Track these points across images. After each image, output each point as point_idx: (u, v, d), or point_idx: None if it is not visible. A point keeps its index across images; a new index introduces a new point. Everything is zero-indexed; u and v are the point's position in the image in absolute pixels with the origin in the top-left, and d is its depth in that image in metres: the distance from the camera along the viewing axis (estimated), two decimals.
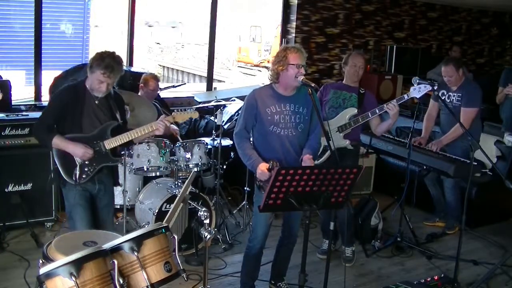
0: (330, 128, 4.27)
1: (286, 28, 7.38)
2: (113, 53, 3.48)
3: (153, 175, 4.66)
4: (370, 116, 4.26)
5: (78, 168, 3.45)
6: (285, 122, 3.50)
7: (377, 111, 4.24)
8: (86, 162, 3.47)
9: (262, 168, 3.36)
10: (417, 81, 4.40)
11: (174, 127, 5.24)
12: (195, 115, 3.96)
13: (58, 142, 3.42)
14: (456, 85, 5.01)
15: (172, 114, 3.90)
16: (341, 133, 4.34)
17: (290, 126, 3.51)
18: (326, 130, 3.33)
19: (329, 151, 4.35)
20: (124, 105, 3.79)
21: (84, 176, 3.49)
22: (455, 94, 5.02)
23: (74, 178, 3.45)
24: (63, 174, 3.47)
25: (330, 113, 4.41)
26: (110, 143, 3.53)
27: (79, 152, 3.42)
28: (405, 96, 4.25)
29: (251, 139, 3.65)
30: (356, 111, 4.32)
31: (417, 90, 4.23)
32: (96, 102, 3.51)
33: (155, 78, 5.16)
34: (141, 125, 4.70)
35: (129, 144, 3.93)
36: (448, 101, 5.05)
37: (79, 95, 3.48)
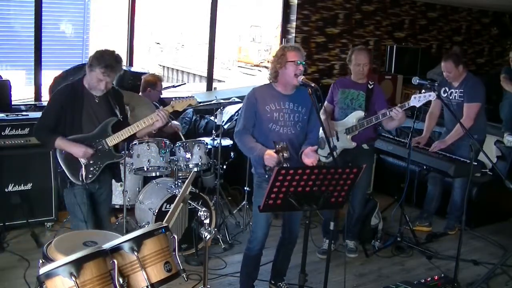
0: (338, 129, 4.40)
1: (286, 28, 7.38)
2: (113, 51, 3.49)
3: (153, 175, 4.66)
4: (374, 121, 4.29)
5: (83, 168, 3.47)
6: (284, 120, 3.50)
7: (380, 117, 4.26)
8: (91, 162, 3.50)
9: (270, 152, 3.31)
10: (417, 81, 4.41)
11: (176, 123, 5.23)
12: (194, 101, 3.82)
13: (60, 143, 3.45)
14: (457, 80, 4.97)
15: (171, 103, 3.74)
16: (348, 135, 4.37)
17: (289, 124, 3.51)
18: (327, 133, 3.33)
19: (338, 149, 4.46)
20: (123, 101, 3.79)
21: (90, 176, 3.52)
22: (457, 91, 4.99)
23: (81, 179, 3.47)
24: (69, 176, 3.50)
25: (340, 114, 4.47)
26: (112, 140, 3.55)
27: (79, 152, 3.43)
28: (406, 105, 4.25)
29: None
30: (363, 114, 4.35)
31: (417, 99, 4.23)
32: (96, 100, 3.53)
33: (160, 79, 5.21)
34: None
35: (131, 139, 3.93)
36: (451, 97, 5.02)
37: (77, 94, 3.49)
